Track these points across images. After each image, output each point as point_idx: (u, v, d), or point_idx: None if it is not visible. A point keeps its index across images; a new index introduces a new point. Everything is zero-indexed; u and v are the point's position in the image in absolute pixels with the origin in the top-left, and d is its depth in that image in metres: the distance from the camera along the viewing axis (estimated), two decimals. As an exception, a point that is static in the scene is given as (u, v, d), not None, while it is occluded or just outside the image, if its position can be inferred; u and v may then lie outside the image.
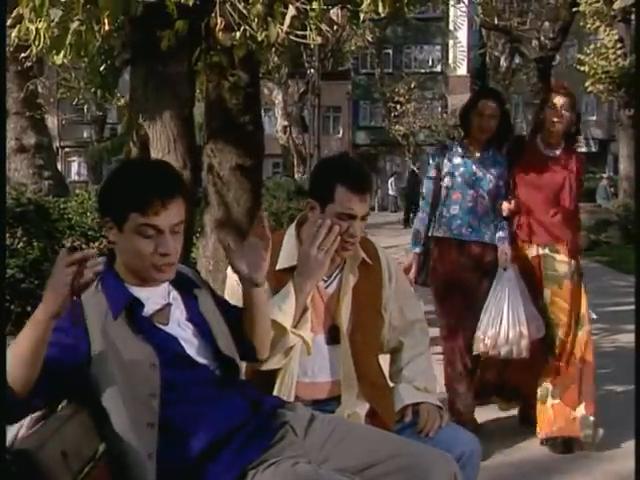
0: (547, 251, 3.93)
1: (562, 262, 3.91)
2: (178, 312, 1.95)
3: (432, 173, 4.11)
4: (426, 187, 4.12)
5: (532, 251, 3.97)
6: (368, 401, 2.27)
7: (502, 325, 3.79)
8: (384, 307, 2.39)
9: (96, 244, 7.21)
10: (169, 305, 1.93)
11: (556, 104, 3.91)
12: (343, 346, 2.27)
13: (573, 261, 3.93)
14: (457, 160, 4.05)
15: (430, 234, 4.03)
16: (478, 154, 4.04)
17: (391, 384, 2.43)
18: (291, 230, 2.36)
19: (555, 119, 3.91)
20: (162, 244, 1.85)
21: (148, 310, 1.89)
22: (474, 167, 4.02)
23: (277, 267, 2.27)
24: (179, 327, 1.93)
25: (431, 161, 4.16)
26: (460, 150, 4.07)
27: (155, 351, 1.83)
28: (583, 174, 4.13)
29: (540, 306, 3.90)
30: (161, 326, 1.89)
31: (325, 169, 2.35)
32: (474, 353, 3.85)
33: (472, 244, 3.99)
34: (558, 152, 3.99)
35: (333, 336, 2.29)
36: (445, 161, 4.05)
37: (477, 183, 4.00)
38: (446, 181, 4.04)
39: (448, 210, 4.03)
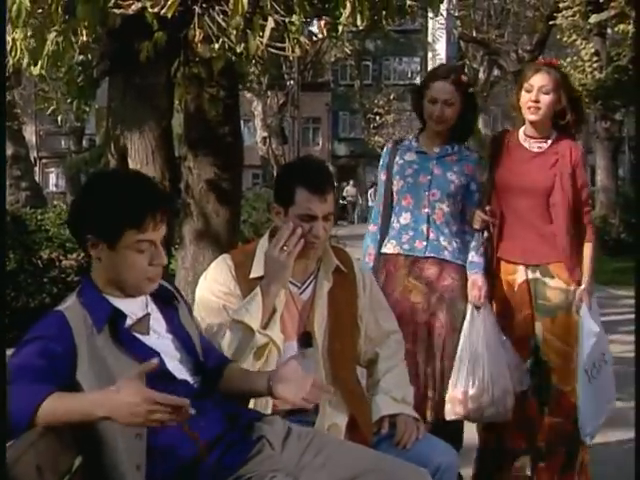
0: (538, 275, 3.09)
1: (557, 289, 3.07)
2: (157, 323, 1.94)
3: (382, 176, 3.30)
4: (377, 194, 3.35)
5: (520, 275, 3.12)
6: (347, 407, 2.26)
7: (484, 381, 3.01)
8: (360, 317, 2.40)
9: (74, 255, 7.15)
10: (148, 315, 1.92)
11: (533, 85, 3.09)
12: (317, 352, 2.27)
13: (572, 287, 3.07)
14: (410, 156, 3.24)
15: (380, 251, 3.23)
16: (437, 149, 3.22)
17: (368, 395, 2.43)
18: (264, 239, 2.37)
19: (531, 104, 3.09)
20: (157, 256, 1.87)
21: (128, 321, 1.88)
22: (431, 164, 3.19)
23: (250, 275, 2.29)
24: (159, 339, 1.92)
25: (381, 161, 3.34)
26: (415, 144, 3.27)
27: (138, 363, 1.82)
28: (583, 169, 3.18)
29: (531, 346, 3.15)
30: (141, 337, 1.88)
31: (286, 173, 2.37)
32: (448, 418, 3.04)
33: (427, 262, 3.14)
34: (545, 145, 3.15)
35: (306, 342, 2.29)
36: (396, 158, 3.25)
37: (434, 184, 3.16)
38: (395, 183, 3.23)
39: (398, 219, 3.20)
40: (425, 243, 3.15)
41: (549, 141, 3.17)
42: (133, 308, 1.90)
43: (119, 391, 1.62)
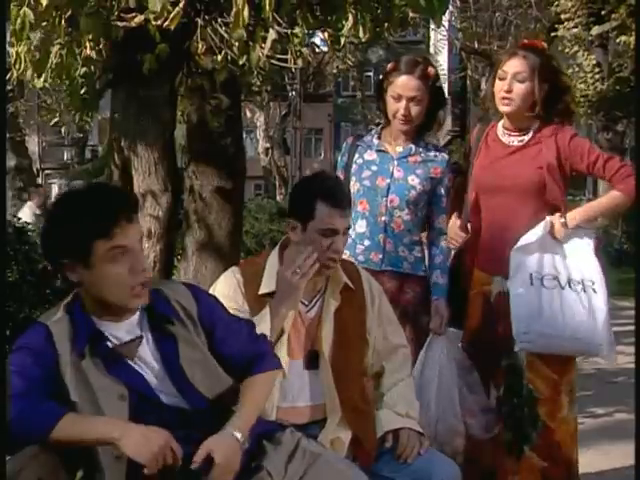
0: None
1: None
2: (148, 347, 1.89)
3: (340, 175, 2.96)
4: None
5: (495, 285, 2.79)
6: (350, 427, 2.26)
7: (428, 415, 2.68)
8: (368, 331, 2.38)
9: (76, 267, 7.16)
10: (140, 338, 1.87)
11: (507, 72, 2.74)
12: (324, 370, 2.27)
13: None
14: (369, 155, 2.93)
15: None
16: (399, 148, 2.90)
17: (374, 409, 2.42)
18: (274, 253, 2.35)
19: (503, 94, 2.76)
20: (136, 262, 1.79)
21: (116, 342, 1.84)
22: (391, 166, 2.88)
23: (259, 291, 2.27)
24: (146, 364, 1.87)
25: (339, 158, 3.04)
26: (376, 142, 2.95)
27: (122, 384, 1.80)
28: (579, 142, 2.75)
29: (503, 368, 2.78)
30: (129, 361, 1.84)
31: (304, 187, 2.36)
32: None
33: (384, 276, 2.82)
34: (526, 138, 2.81)
35: (312, 360, 2.28)
36: (356, 156, 2.95)
37: (393, 189, 2.85)
38: (352, 185, 2.92)
39: (354, 227, 2.85)
40: (381, 255, 2.87)
41: (530, 133, 2.81)
42: (119, 332, 1.85)
43: (142, 427, 1.66)
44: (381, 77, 3.01)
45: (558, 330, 2.62)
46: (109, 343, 1.84)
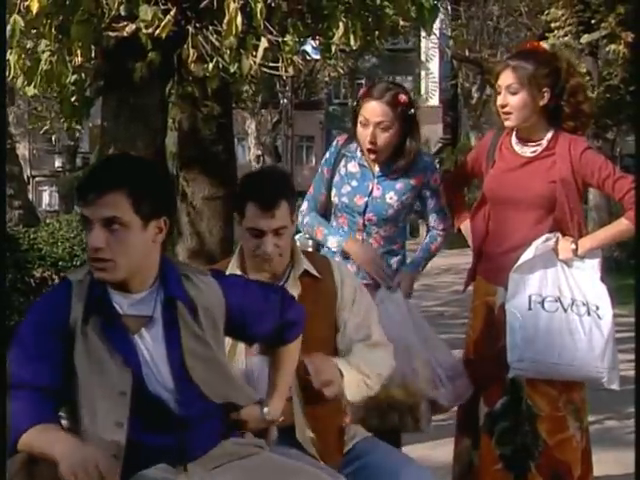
0: None
1: None
2: (154, 329, 1.85)
3: (325, 172, 2.86)
4: (314, 186, 2.88)
5: (499, 296, 2.69)
6: (311, 423, 2.19)
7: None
8: (338, 320, 2.30)
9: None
10: (148, 318, 1.84)
11: (500, 85, 2.66)
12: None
13: None
14: (352, 167, 2.82)
15: None
16: (377, 167, 2.80)
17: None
18: (235, 255, 2.35)
19: (500, 108, 2.67)
20: (90, 237, 1.75)
21: (120, 311, 1.82)
22: (370, 184, 2.79)
23: None
24: (148, 344, 1.84)
25: (327, 154, 2.88)
26: (359, 155, 2.81)
27: (119, 356, 1.80)
28: (595, 157, 2.66)
29: (506, 381, 2.65)
30: (130, 335, 1.82)
31: (240, 185, 2.34)
32: None
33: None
34: (540, 148, 2.68)
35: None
36: (342, 163, 2.84)
37: (370, 208, 2.78)
38: (333, 194, 2.84)
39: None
40: (356, 269, 2.77)
41: (544, 142, 2.68)
42: (124, 303, 1.83)
43: (85, 447, 1.64)
44: (355, 103, 2.87)
45: (553, 357, 2.57)
46: (115, 311, 1.82)
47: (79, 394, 1.79)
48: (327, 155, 2.89)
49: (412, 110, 2.77)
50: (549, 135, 2.68)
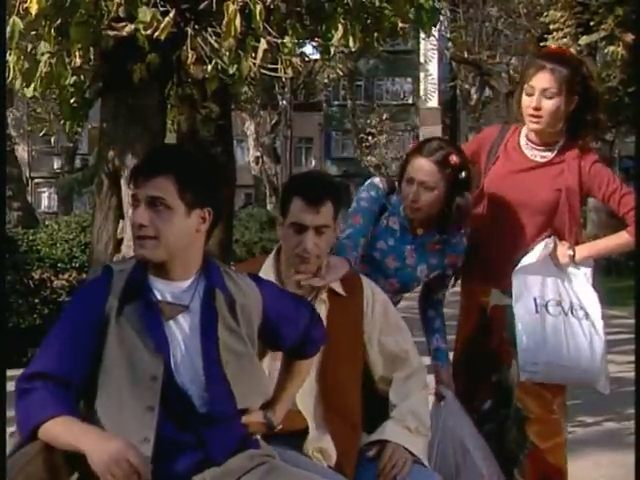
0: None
1: None
2: (190, 319, 1.85)
3: (367, 205, 2.57)
4: (361, 222, 2.54)
5: (493, 298, 2.65)
6: (333, 437, 2.20)
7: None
8: (367, 339, 2.31)
9: (65, 276, 7.13)
10: (185, 307, 1.84)
11: (534, 87, 2.54)
12: (309, 375, 2.23)
13: None
14: (393, 223, 2.60)
15: None
16: (421, 230, 2.60)
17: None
18: (271, 256, 2.34)
19: (531, 112, 2.56)
20: (135, 214, 1.82)
21: (159, 297, 1.83)
22: (407, 249, 2.59)
23: None
24: (183, 332, 1.84)
25: (374, 193, 2.57)
26: (402, 212, 2.58)
27: (152, 343, 1.80)
28: (603, 171, 2.63)
29: (493, 383, 2.64)
30: (166, 322, 1.82)
31: (286, 185, 2.37)
32: None
33: None
34: (550, 155, 2.62)
35: None
36: (385, 214, 2.60)
37: (398, 274, 2.59)
38: (364, 241, 2.55)
39: None
40: None
41: (555, 149, 2.62)
42: (164, 290, 1.84)
43: (113, 440, 1.65)
44: (404, 158, 2.69)
45: (563, 359, 2.55)
46: (153, 296, 1.83)
47: (103, 385, 1.79)
48: (372, 193, 2.61)
49: (463, 174, 2.54)
50: (562, 142, 2.63)
